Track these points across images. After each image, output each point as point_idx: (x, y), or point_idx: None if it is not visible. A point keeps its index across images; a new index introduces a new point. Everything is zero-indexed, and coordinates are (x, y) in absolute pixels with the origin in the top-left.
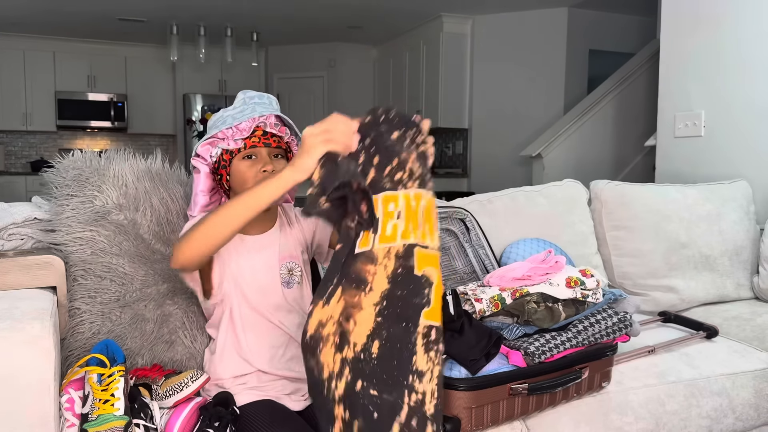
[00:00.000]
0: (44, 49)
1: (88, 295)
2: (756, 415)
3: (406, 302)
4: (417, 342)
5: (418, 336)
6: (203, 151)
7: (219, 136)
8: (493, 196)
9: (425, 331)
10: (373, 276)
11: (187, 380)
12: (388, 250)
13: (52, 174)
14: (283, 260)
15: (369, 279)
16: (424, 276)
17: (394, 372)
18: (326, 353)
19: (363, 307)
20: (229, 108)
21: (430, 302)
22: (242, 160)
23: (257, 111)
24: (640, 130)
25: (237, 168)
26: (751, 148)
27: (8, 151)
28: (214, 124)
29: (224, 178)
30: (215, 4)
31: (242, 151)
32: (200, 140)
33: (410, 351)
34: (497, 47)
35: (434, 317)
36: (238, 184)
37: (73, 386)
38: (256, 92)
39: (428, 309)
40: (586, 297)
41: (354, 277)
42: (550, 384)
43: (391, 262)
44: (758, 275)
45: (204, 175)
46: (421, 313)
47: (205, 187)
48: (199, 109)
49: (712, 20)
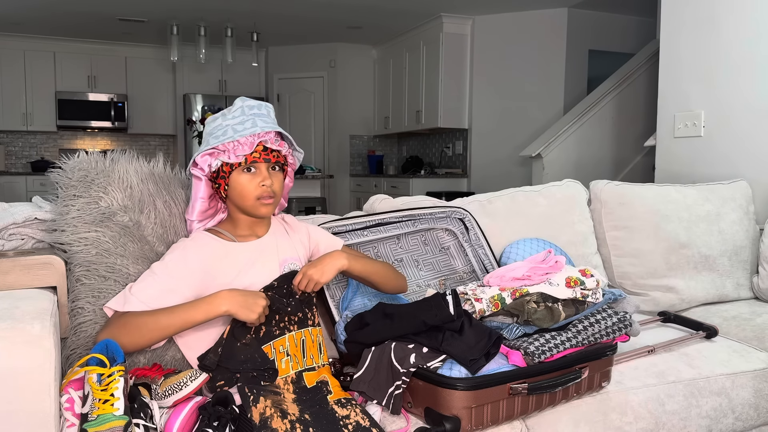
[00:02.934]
0: (44, 49)
1: (92, 295)
2: (756, 415)
3: (312, 399)
4: (333, 408)
5: (331, 406)
6: (202, 161)
7: (220, 148)
8: (493, 196)
9: (335, 401)
10: (283, 391)
11: (187, 380)
12: (285, 379)
13: (58, 174)
14: (284, 262)
15: (281, 392)
16: (317, 383)
17: (327, 425)
18: (276, 422)
19: (287, 401)
20: (227, 115)
21: (331, 392)
22: (242, 174)
23: (258, 125)
24: (639, 130)
25: (237, 180)
26: (750, 148)
27: (8, 151)
28: (212, 132)
29: (222, 187)
30: (215, 4)
31: (242, 165)
32: (200, 148)
33: (331, 413)
34: (497, 47)
35: (338, 395)
36: (237, 195)
37: (72, 386)
38: (255, 101)
39: (331, 395)
40: (586, 297)
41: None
42: (550, 384)
43: (290, 385)
44: (758, 275)
45: (204, 182)
46: (327, 398)
47: (204, 194)
48: (199, 109)
49: (712, 20)
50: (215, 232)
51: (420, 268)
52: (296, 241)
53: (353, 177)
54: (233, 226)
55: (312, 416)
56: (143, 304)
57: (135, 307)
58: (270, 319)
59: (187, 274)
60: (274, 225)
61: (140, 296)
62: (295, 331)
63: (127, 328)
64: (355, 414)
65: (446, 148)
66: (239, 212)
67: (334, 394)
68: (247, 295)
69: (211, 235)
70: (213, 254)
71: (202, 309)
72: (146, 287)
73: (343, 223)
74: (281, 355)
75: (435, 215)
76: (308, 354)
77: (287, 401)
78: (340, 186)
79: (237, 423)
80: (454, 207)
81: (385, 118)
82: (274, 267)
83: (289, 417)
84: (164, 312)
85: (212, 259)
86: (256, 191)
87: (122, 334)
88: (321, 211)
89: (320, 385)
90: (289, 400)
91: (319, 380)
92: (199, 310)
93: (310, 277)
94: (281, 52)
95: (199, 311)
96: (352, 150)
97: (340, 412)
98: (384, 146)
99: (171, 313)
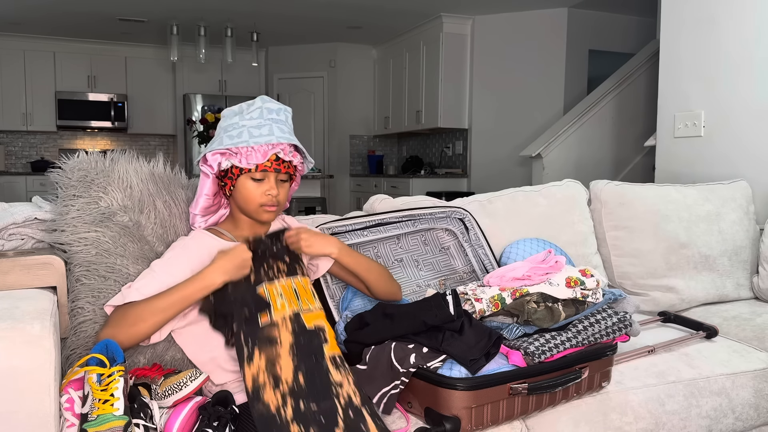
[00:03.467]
0: (44, 49)
1: (92, 295)
2: (756, 415)
3: (309, 345)
4: (328, 366)
5: (327, 362)
6: (213, 159)
7: (233, 150)
8: (493, 196)
9: (331, 358)
10: (279, 334)
11: (186, 380)
12: (283, 317)
13: (58, 174)
14: None
15: (277, 337)
16: (314, 327)
17: (320, 388)
18: (268, 394)
19: (281, 356)
20: (245, 114)
21: (327, 341)
22: (250, 179)
23: (275, 134)
24: (639, 130)
25: (243, 185)
26: (750, 148)
27: (8, 151)
28: (227, 129)
29: (228, 186)
30: (215, 4)
31: (252, 172)
32: (212, 144)
33: (325, 372)
34: (497, 47)
35: (333, 349)
36: (241, 198)
37: (72, 386)
38: (275, 104)
39: (327, 344)
40: (586, 297)
41: (265, 338)
42: (550, 384)
43: (288, 323)
44: (758, 275)
45: (211, 180)
46: (323, 348)
47: (210, 192)
48: (199, 109)
49: (712, 20)
50: (215, 231)
51: (420, 268)
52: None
53: (353, 177)
54: (234, 225)
55: (306, 377)
56: (142, 296)
57: (134, 299)
58: (258, 265)
59: (187, 273)
60: (273, 226)
61: (140, 291)
62: (284, 279)
63: (127, 318)
64: (348, 383)
65: (446, 148)
66: (241, 212)
67: (329, 344)
68: (234, 256)
69: (211, 234)
70: (212, 254)
71: (198, 285)
72: (146, 284)
73: (343, 223)
74: (275, 297)
75: (435, 215)
76: (302, 298)
77: (282, 355)
78: (340, 186)
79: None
80: (454, 207)
81: (385, 118)
82: None
83: (281, 387)
84: (161, 295)
85: (211, 258)
86: (260, 198)
87: (123, 325)
88: (321, 211)
89: (317, 331)
90: (285, 350)
91: (316, 324)
92: (196, 286)
93: (299, 238)
94: (281, 52)
95: (196, 287)
96: (352, 150)
97: (334, 375)
98: (384, 146)
99: (168, 294)
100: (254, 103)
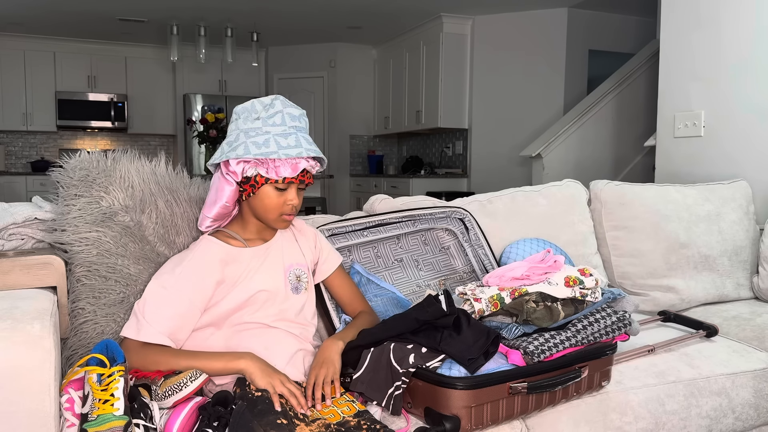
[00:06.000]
0: (44, 49)
1: (93, 296)
2: (756, 415)
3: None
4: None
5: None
6: (237, 167)
7: (260, 159)
8: (493, 196)
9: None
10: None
11: (186, 380)
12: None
13: (59, 173)
14: (289, 268)
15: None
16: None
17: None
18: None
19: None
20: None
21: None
22: (274, 188)
23: (302, 146)
24: (640, 130)
25: (266, 193)
26: (750, 148)
27: (8, 151)
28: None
29: (247, 192)
30: (215, 4)
31: (279, 182)
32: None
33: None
34: (497, 47)
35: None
36: (261, 206)
37: (73, 386)
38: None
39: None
40: (585, 296)
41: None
42: (550, 383)
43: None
44: (758, 275)
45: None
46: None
47: (230, 200)
48: (199, 109)
49: (712, 20)
50: (222, 234)
51: (420, 268)
52: (304, 246)
53: (353, 177)
54: (242, 228)
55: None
56: (160, 335)
57: (151, 339)
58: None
59: (199, 291)
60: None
61: (155, 324)
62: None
63: (146, 358)
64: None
65: (446, 148)
66: (253, 217)
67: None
68: (271, 369)
69: (219, 241)
70: (221, 263)
71: (222, 362)
72: (158, 309)
73: (344, 223)
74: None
75: (435, 215)
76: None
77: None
78: (340, 186)
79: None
80: (454, 207)
81: (385, 118)
82: (278, 272)
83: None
84: (183, 356)
85: (221, 266)
86: (282, 208)
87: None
88: (321, 212)
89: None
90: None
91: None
92: (219, 363)
93: (325, 375)
94: (281, 52)
95: (219, 363)
96: (352, 150)
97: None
98: (384, 146)
99: (191, 358)
100: (274, 105)
